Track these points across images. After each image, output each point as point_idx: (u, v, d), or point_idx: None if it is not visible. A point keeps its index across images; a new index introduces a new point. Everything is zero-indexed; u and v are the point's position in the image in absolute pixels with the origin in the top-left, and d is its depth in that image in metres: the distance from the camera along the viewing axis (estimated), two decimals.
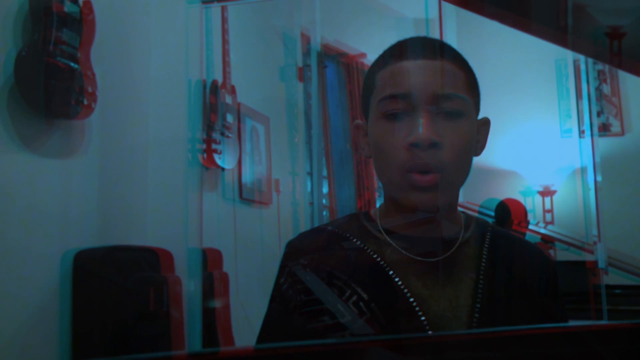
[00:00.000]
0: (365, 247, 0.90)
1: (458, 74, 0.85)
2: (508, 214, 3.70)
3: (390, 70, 0.86)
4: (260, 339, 0.91)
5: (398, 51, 0.88)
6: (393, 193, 0.87)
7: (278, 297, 0.91)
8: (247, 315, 2.81)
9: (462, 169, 0.85)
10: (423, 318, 0.83)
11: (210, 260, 2.61)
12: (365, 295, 0.85)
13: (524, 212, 3.85)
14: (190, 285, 2.41)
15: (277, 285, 0.92)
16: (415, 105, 0.82)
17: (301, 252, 0.91)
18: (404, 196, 0.84)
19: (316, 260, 0.90)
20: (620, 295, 3.07)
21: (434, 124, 0.81)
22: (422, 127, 0.80)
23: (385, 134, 0.84)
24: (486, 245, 0.91)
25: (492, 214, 3.69)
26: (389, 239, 0.90)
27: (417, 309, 0.84)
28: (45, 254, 1.97)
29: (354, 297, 0.85)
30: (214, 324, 2.51)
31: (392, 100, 0.84)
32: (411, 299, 0.84)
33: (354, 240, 0.91)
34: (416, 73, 0.83)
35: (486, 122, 0.91)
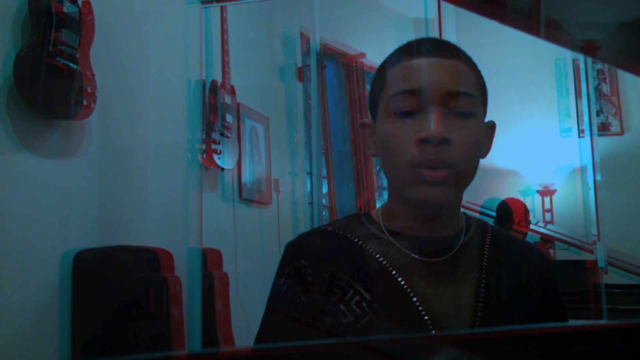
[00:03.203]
0: (368, 247, 0.89)
1: (469, 74, 0.86)
2: (510, 213, 3.70)
3: (402, 67, 0.85)
4: (258, 342, 0.90)
5: (409, 49, 0.87)
6: (400, 189, 0.86)
7: (277, 299, 0.90)
8: (247, 315, 2.81)
9: (470, 168, 0.85)
10: (426, 317, 0.84)
11: (210, 260, 2.61)
12: (368, 296, 0.85)
13: (523, 211, 3.85)
14: (190, 285, 2.41)
15: (276, 287, 0.91)
16: (427, 102, 0.82)
17: (301, 253, 0.90)
18: (412, 190, 0.83)
19: (317, 261, 0.89)
20: (620, 295, 3.08)
21: (445, 121, 0.81)
22: (433, 124, 0.80)
23: (395, 129, 0.84)
24: (487, 246, 0.92)
25: (494, 213, 3.69)
26: (391, 239, 0.89)
27: (420, 308, 0.84)
28: (45, 254, 1.97)
29: (357, 298, 0.85)
30: (214, 324, 2.51)
31: (403, 97, 0.83)
32: (414, 299, 0.84)
33: (356, 240, 0.90)
34: (428, 70, 0.83)
35: (492, 126, 0.92)
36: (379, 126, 0.88)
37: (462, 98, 0.83)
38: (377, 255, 0.88)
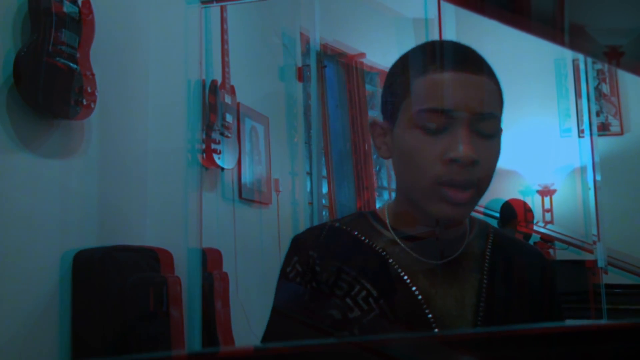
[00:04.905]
0: (374, 245, 0.91)
1: (495, 90, 0.85)
2: (513, 214, 3.70)
3: (430, 81, 0.83)
4: (268, 334, 0.92)
5: (437, 58, 0.86)
6: (418, 201, 0.86)
7: (285, 287, 0.92)
8: (247, 315, 2.81)
9: (489, 185, 0.87)
10: (430, 316, 0.85)
11: (210, 260, 2.61)
12: (374, 292, 0.86)
13: (524, 211, 3.85)
14: (190, 285, 2.41)
15: (284, 274, 0.92)
16: (456, 120, 0.82)
17: (309, 245, 0.92)
18: (433, 206, 0.83)
19: (325, 254, 0.90)
20: (620, 294, 3.08)
21: (473, 141, 0.82)
22: (462, 144, 0.81)
23: (419, 143, 0.83)
24: (489, 247, 0.93)
25: (497, 214, 3.69)
26: (397, 238, 0.91)
27: (424, 306, 0.86)
28: (45, 255, 1.97)
29: (363, 293, 0.87)
30: (214, 324, 2.51)
31: (432, 114, 0.82)
32: (419, 297, 0.86)
33: (362, 238, 0.92)
34: (458, 88, 0.82)
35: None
36: (399, 134, 0.87)
37: (489, 120, 0.83)
38: (384, 254, 0.90)
